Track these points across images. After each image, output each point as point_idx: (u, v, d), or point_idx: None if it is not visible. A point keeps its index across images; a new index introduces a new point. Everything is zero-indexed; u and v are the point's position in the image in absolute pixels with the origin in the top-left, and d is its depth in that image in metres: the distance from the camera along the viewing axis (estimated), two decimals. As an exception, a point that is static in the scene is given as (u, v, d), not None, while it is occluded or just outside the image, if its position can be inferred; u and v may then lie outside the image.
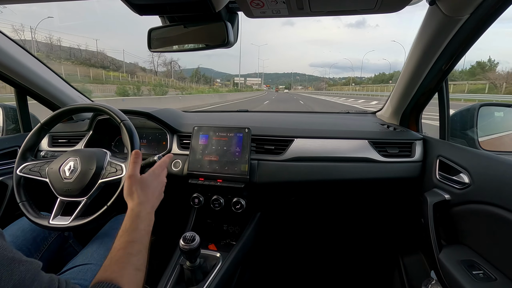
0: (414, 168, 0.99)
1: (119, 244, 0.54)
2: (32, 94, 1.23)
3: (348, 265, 1.46)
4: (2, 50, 1.01)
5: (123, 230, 0.57)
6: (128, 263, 0.51)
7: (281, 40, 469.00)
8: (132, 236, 0.55)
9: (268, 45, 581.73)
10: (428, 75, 0.92)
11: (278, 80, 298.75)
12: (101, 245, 0.82)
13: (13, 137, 1.21)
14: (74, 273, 0.72)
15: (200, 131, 1.06)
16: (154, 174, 0.70)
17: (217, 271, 0.88)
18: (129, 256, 0.52)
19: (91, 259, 0.76)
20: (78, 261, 0.76)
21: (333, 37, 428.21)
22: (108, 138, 1.27)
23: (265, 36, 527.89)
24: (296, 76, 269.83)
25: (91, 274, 0.72)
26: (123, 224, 0.58)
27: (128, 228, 0.57)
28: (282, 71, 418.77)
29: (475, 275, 0.65)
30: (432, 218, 0.81)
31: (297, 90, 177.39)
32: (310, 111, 1.85)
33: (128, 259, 0.51)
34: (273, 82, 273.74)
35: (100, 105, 0.89)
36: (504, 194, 0.63)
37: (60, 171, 0.81)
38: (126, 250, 0.52)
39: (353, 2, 0.64)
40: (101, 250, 0.80)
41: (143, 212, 0.61)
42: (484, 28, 0.71)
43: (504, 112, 1.12)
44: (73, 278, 0.70)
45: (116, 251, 0.53)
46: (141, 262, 0.53)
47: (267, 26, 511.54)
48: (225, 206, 1.04)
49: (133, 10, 0.66)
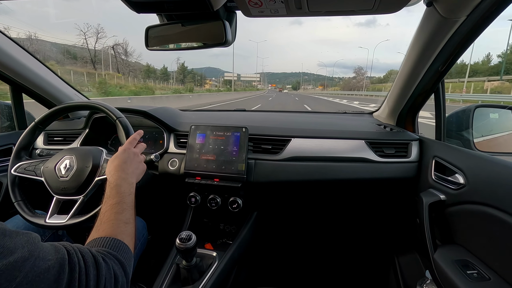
0: (410, 168, 1.00)
1: (105, 207, 0.59)
2: (28, 91, 1.22)
3: (344, 265, 1.47)
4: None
5: (106, 197, 0.61)
6: (116, 219, 0.56)
7: (289, 39, 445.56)
8: (116, 199, 0.60)
9: (276, 45, 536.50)
10: (425, 76, 0.93)
11: (286, 79, 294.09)
12: None
13: (8, 135, 1.20)
14: None
15: (197, 130, 1.06)
16: (131, 152, 0.73)
17: (213, 271, 0.88)
18: (116, 215, 0.57)
19: None
20: None
21: (342, 37, 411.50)
22: (104, 136, 1.26)
23: (273, 35, 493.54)
24: (304, 76, 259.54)
25: None
26: (105, 193, 0.63)
27: (110, 194, 0.61)
28: (290, 70, 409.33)
29: (469, 275, 0.66)
30: (427, 218, 0.81)
31: (306, 90, 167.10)
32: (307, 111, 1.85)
33: (116, 217, 0.56)
34: (280, 82, 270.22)
35: (96, 103, 0.88)
36: (498, 195, 0.64)
37: (56, 169, 0.80)
38: (112, 210, 0.57)
39: (351, 3, 0.64)
40: None
41: (124, 181, 0.65)
42: (480, 30, 0.72)
43: (499, 114, 1.13)
44: None
45: (103, 213, 0.57)
46: (128, 217, 0.58)
47: (275, 26, 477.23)
48: (222, 206, 1.04)
49: (131, 8, 0.66)
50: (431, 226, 0.81)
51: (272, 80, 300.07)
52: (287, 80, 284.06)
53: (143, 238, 0.95)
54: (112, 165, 0.68)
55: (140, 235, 0.94)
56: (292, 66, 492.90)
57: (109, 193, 0.62)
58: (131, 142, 0.76)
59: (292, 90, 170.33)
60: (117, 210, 0.58)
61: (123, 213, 0.58)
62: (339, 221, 1.43)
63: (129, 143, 0.75)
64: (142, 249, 0.94)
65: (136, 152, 0.75)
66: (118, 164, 0.68)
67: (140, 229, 0.96)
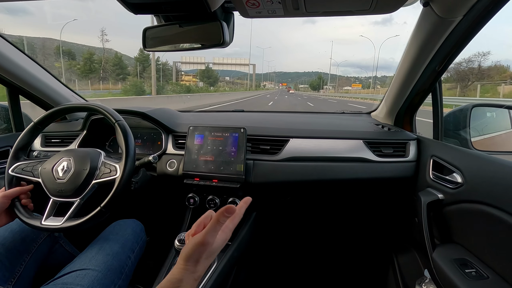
0: (408, 167, 1.00)
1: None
2: (25, 93, 1.21)
3: (343, 264, 1.47)
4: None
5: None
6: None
7: (303, 39, 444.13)
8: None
9: (289, 44, 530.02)
10: (422, 76, 0.93)
11: (298, 79, 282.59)
12: (100, 250, 0.81)
13: (5, 137, 1.19)
14: (71, 278, 0.71)
15: (195, 131, 1.06)
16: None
17: (212, 271, 0.87)
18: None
19: (89, 265, 0.75)
20: (76, 265, 0.75)
21: (357, 36, 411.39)
22: (102, 138, 1.25)
23: (286, 35, 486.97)
24: (317, 75, 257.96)
25: (88, 279, 0.71)
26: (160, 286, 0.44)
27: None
28: (303, 70, 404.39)
29: (468, 274, 0.66)
30: (425, 218, 0.82)
31: (326, 92, 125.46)
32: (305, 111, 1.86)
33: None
34: (292, 81, 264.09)
35: (95, 104, 0.88)
36: (496, 193, 0.64)
37: (53, 171, 0.80)
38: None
39: (348, 3, 0.64)
40: (100, 255, 0.79)
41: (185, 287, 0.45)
42: (477, 29, 0.72)
43: (496, 113, 1.14)
44: (71, 283, 0.69)
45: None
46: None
47: (289, 24, 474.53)
48: (221, 206, 1.02)
49: (128, 9, 0.66)
50: (430, 225, 0.81)
51: (284, 80, 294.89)
52: (300, 79, 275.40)
53: (141, 241, 0.95)
54: None
55: (139, 239, 0.94)
56: (305, 65, 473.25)
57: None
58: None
59: (311, 91, 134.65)
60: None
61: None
62: (337, 220, 1.43)
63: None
64: (141, 253, 0.94)
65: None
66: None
67: (138, 232, 0.96)
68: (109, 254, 0.80)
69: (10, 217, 0.77)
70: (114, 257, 0.80)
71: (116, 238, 0.88)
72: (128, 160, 0.78)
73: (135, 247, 0.90)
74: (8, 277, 0.75)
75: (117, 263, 0.80)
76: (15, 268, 0.77)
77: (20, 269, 0.78)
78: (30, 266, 0.81)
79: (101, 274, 0.73)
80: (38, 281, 0.81)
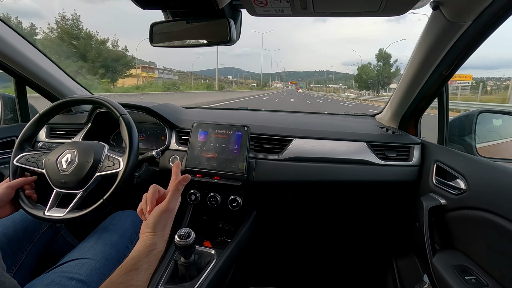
0: (411, 172, 1.00)
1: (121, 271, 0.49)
2: (31, 84, 1.22)
3: (342, 266, 1.47)
4: (1, 39, 1.00)
5: (133, 258, 0.51)
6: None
7: (314, 38, 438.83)
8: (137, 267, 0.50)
9: (299, 43, 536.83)
10: (429, 80, 0.92)
11: (309, 78, 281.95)
12: (99, 240, 0.82)
13: (11, 127, 1.20)
14: (69, 267, 0.72)
15: (199, 127, 1.06)
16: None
17: (211, 268, 0.88)
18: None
19: (87, 254, 0.76)
20: (75, 255, 0.76)
21: (369, 34, 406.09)
22: (106, 131, 1.26)
23: (298, 35, 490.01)
24: (329, 75, 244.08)
25: (86, 268, 0.72)
26: (135, 251, 0.52)
27: (140, 257, 0.51)
28: (313, 69, 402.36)
29: (467, 280, 0.65)
30: (427, 223, 0.81)
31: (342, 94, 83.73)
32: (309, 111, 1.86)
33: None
34: (303, 80, 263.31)
35: (100, 98, 0.88)
36: (499, 201, 0.64)
37: (57, 162, 0.80)
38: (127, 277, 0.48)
39: (356, 5, 0.64)
40: (99, 245, 0.80)
41: (159, 248, 0.55)
42: (486, 34, 0.71)
43: (503, 120, 1.12)
44: (69, 271, 0.70)
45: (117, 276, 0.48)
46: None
47: (298, 24, 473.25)
48: (222, 204, 1.04)
49: (136, 4, 0.66)
50: (431, 231, 0.80)
51: (294, 78, 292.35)
52: (310, 78, 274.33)
53: None
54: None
55: (138, 230, 0.94)
56: (316, 64, 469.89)
57: (142, 256, 0.52)
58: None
59: (300, 90, 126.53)
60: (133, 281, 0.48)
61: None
62: (338, 222, 1.43)
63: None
64: None
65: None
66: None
67: (138, 223, 0.96)
68: (108, 244, 0.81)
69: (14, 208, 0.78)
70: (113, 247, 0.81)
71: (115, 228, 0.89)
72: (131, 154, 0.79)
73: (134, 238, 0.91)
74: (9, 265, 0.76)
75: (115, 253, 0.81)
76: (16, 256, 0.79)
77: (21, 257, 0.80)
78: (31, 255, 0.82)
79: (99, 263, 0.75)
80: (38, 269, 0.82)
